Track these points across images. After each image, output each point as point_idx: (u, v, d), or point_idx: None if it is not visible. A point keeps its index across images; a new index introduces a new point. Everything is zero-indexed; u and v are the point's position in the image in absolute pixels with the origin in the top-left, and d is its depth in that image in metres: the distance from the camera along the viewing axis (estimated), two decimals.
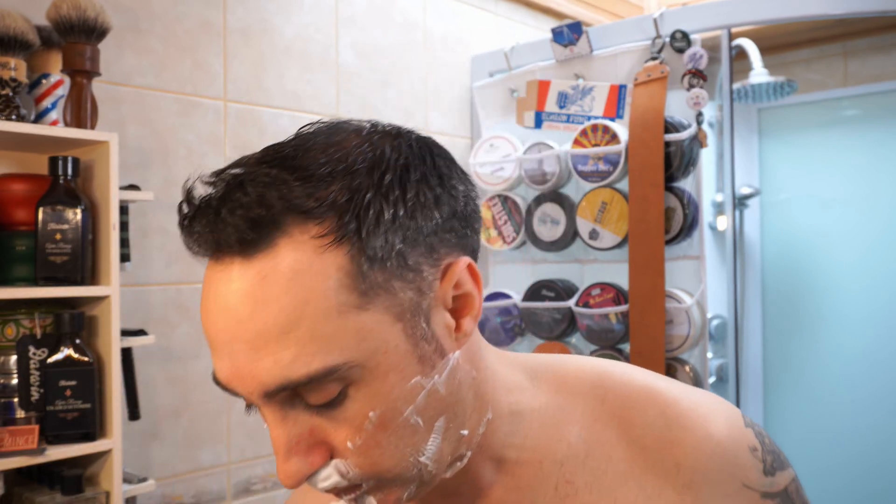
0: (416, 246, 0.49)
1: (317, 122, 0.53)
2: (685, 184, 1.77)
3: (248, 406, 0.51)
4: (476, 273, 0.53)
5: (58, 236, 1.32)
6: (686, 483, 0.55)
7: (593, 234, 1.85)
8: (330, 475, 0.50)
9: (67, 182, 1.34)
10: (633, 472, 0.56)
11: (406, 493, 0.54)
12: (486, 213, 2.07)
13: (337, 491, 0.52)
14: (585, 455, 0.57)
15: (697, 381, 1.74)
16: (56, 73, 1.42)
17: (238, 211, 0.45)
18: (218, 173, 0.48)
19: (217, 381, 0.50)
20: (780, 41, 2.41)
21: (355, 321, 0.47)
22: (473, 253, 0.54)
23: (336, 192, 0.47)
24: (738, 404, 1.77)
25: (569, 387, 0.60)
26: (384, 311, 0.48)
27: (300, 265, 0.46)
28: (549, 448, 0.58)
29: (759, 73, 2.16)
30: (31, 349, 1.32)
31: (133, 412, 1.50)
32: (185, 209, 0.48)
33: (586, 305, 1.84)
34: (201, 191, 0.48)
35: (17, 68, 1.32)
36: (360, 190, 0.47)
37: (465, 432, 0.55)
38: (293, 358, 0.46)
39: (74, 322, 1.33)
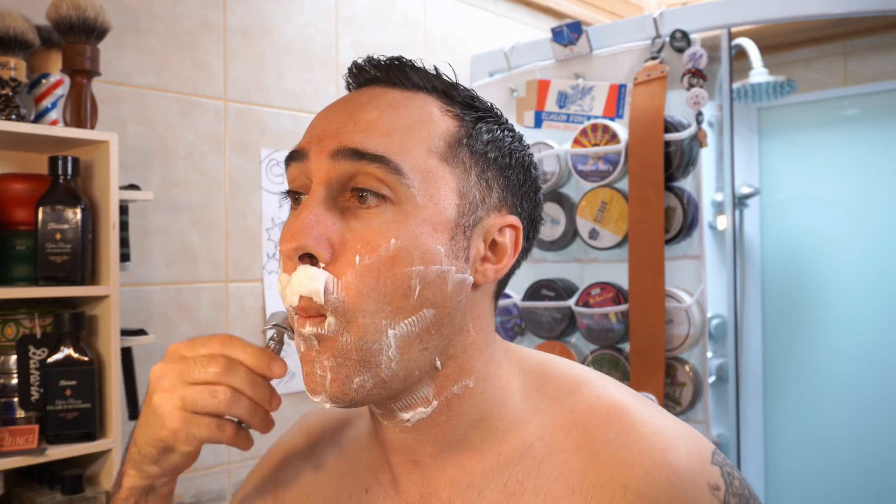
0: (500, 176, 0.58)
1: None
2: (685, 183, 1.77)
3: (290, 193, 0.58)
4: (518, 242, 0.59)
5: (58, 236, 1.32)
6: None
7: (593, 234, 1.85)
8: (316, 278, 0.53)
9: (67, 182, 1.34)
10: (582, 485, 0.55)
11: (357, 380, 0.54)
12: None
13: (304, 310, 0.54)
14: (542, 459, 0.57)
15: (697, 381, 1.74)
16: (56, 72, 1.42)
17: (404, 62, 0.58)
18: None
19: (294, 151, 0.57)
20: (780, 41, 2.41)
21: (433, 163, 0.55)
22: (525, 251, 0.62)
23: (470, 98, 0.59)
24: (737, 404, 1.77)
25: (546, 389, 0.61)
26: (453, 178, 0.56)
27: (422, 109, 0.57)
28: (511, 444, 0.59)
29: (758, 73, 2.16)
30: (31, 349, 1.32)
31: (133, 412, 1.50)
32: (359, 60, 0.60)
33: (586, 305, 1.84)
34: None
35: (17, 68, 1.32)
36: (487, 113, 0.60)
37: (439, 365, 0.57)
38: (376, 141, 0.54)
39: (74, 322, 1.33)
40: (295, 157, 0.57)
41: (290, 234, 0.53)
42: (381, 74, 0.59)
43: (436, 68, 0.60)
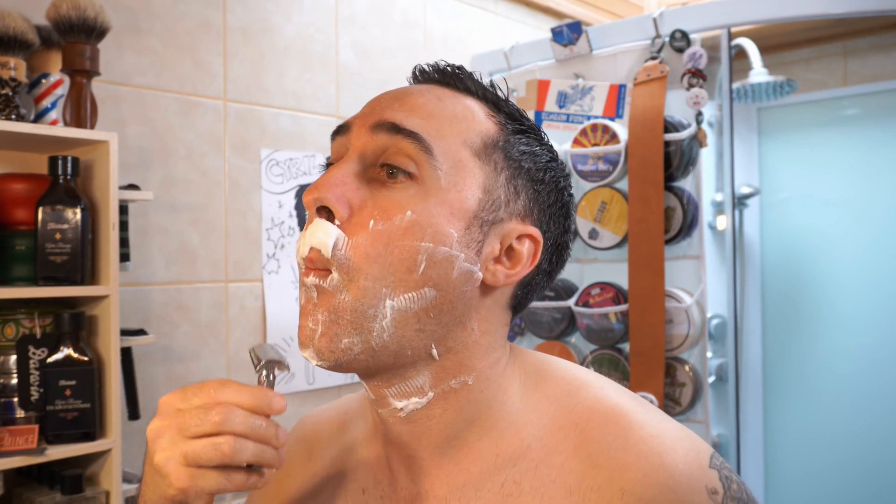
0: (531, 188, 0.60)
1: None
2: (685, 183, 1.77)
3: (328, 165, 0.61)
4: (535, 255, 0.60)
5: (58, 236, 1.32)
6: None
7: (593, 234, 1.85)
8: (329, 233, 0.55)
9: (67, 182, 1.34)
10: (580, 487, 0.55)
11: (345, 340, 0.55)
12: None
13: (311, 262, 0.56)
14: (539, 461, 0.57)
15: (697, 381, 1.74)
16: (56, 72, 1.42)
17: (464, 69, 0.62)
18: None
19: (340, 125, 0.61)
20: (780, 41, 2.41)
21: (465, 155, 0.57)
22: (547, 274, 0.63)
23: (518, 112, 0.62)
24: (737, 404, 1.77)
25: (545, 389, 0.61)
26: (482, 174, 0.58)
27: (467, 108, 0.60)
28: (509, 444, 0.59)
29: (758, 73, 2.16)
30: (31, 349, 1.32)
31: (133, 412, 1.50)
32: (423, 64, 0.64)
33: (586, 305, 1.84)
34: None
35: (16, 68, 1.32)
36: (530, 129, 0.62)
37: (436, 354, 0.57)
38: (415, 121, 0.57)
39: (74, 322, 1.33)
40: (341, 130, 0.60)
41: (314, 187, 0.56)
42: (439, 76, 0.62)
43: (492, 82, 0.62)
